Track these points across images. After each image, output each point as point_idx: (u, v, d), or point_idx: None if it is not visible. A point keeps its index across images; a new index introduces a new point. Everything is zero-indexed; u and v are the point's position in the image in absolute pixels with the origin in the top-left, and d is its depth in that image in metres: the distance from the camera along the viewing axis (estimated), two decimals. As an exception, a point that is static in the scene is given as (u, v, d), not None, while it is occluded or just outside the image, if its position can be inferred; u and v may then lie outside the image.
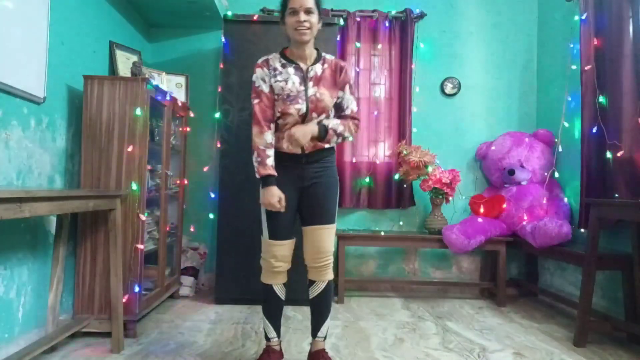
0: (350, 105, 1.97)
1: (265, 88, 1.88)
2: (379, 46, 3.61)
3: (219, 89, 3.27)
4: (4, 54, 1.87)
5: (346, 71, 1.96)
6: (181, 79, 3.39)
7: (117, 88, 2.40)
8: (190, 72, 3.48)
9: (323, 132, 1.86)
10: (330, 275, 1.95)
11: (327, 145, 1.93)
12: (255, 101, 1.88)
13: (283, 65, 1.90)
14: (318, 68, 1.92)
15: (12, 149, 1.97)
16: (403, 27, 3.62)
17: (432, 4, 3.69)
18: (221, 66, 3.14)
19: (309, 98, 1.87)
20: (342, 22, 3.52)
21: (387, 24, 3.61)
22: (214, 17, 3.36)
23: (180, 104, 3.10)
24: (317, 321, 1.97)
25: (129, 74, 2.83)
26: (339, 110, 1.98)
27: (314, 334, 1.99)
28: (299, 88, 1.87)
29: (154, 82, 2.67)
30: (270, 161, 1.83)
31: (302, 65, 1.91)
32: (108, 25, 2.90)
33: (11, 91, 1.93)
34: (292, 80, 1.87)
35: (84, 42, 2.59)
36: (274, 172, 1.83)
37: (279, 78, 1.88)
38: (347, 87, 1.96)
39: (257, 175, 1.84)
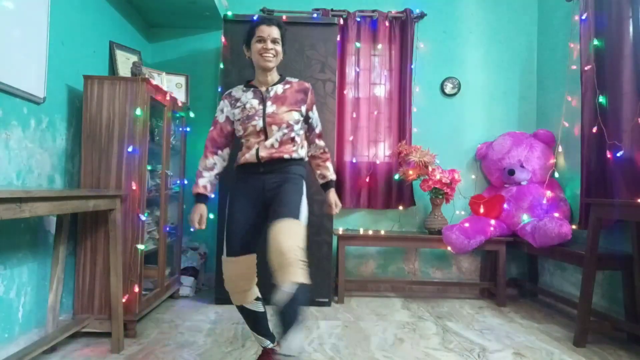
0: (319, 125, 2.12)
1: (221, 118, 1.99)
2: (379, 46, 3.61)
3: (219, 89, 3.27)
4: (4, 54, 1.88)
5: (312, 92, 2.04)
6: (181, 79, 3.39)
7: (117, 88, 2.40)
8: (190, 72, 3.48)
9: (335, 184, 2.13)
10: (296, 277, 1.56)
11: (285, 156, 1.90)
12: (211, 128, 2.02)
13: (243, 92, 1.99)
14: (279, 88, 1.97)
15: (12, 149, 1.97)
16: (403, 27, 3.62)
17: (432, 4, 3.69)
18: (221, 66, 3.14)
19: (267, 114, 1.91)
20: (342, 22, 3.52)
21: (387, 24, 3.61)
22: (214, 17, 3.36)
23: (180, 104, 3.10)
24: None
25: (129, 74, 2.84)
26: (309, 129, 2.08)
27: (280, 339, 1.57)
28: (257, 107, 1.92)
29: (154, 82, 2.67)
30: (203, 182, 1.94)
31: (262, 88, 1.97)
32: (108, 25, 2.90)
33: (11, 91, 1.93)
34: (250, 103, 1.94)
35: (84, 42, 2.59)
36: (204, 192, 1.94)
37: (237, 104, 1.96)
38: (314, 108, 2.07)
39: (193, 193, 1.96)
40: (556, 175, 3.34)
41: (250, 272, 1.87)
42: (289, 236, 1.63)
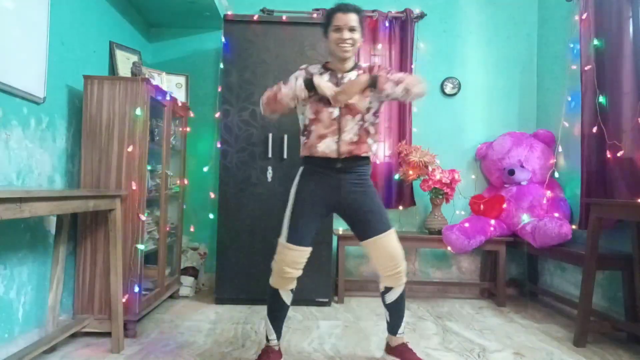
0: (398, 76, 1.88)
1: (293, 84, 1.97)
2: (379, 46, 3.61)
3: (219, 89, 3.27)
4: (4, 54, 1.87)
5: (378, 67, 2.01)
6: (181, 79, 3.38)
7: (117, 88, 2.40)
8: (190, 72, 3.48)
9: (372, 82, 1.86)
10: (405, 279, 1.98)
11: (363, 154, 1.92)
12: (281, 84, 1.96)
13: (320, 73, 1.98)
14: (353, 75, 1.96)
15: (12, 149, 1.97)
16: (403, 27, 3.62)
17: (432, 4, 3.69)
18: (221, 66, 3.14)
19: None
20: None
21: (387, 24, 3.61)
22: (214, 17, 3.36)
23: (180, 104, 3.10)
24: (397, 321, 2.04)
25: (129, 74, 2.83)
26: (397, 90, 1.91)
27: (394, 332, 2.05)
28: None
29: (154, 82, 2.67)
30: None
31: (338, 74, 1.97)
32: (108, 25, 2.90)
33: (11, 91, 1.93)
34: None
35: (84, 42, 2.59)
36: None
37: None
38: (385, 74, 1.91)
39: (302, 86, 1.89)
40: (556, 175, 3.34)
41: (303, 263, 1.92)
42: (398, 247, 1.94)
